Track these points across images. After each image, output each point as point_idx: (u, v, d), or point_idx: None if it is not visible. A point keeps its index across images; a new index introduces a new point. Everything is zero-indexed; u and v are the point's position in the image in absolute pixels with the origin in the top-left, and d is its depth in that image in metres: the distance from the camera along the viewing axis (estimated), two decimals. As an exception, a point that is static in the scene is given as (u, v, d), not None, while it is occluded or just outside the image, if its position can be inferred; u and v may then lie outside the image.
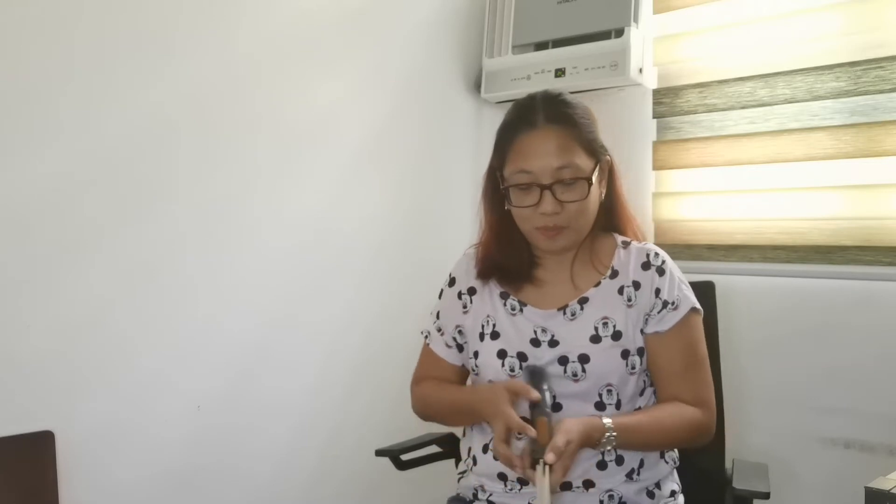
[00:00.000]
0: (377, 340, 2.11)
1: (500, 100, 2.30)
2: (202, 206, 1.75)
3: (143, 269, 1.65)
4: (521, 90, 2.18)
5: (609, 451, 1.23)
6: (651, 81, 2.07)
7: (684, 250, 2.04)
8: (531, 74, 2.16)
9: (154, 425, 1.67)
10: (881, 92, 1.74)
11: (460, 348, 1.40)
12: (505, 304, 1.34)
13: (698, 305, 1.31)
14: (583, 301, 1.30)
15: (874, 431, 1.74)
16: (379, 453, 1.51)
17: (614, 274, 1.31)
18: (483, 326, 1.35)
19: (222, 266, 1.79)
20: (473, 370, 1.37)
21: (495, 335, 1.33)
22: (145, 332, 1.66)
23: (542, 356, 1.28)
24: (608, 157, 1.31)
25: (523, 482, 1.27)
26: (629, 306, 1.28)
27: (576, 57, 2.07)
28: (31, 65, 1.48)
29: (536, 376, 1.23)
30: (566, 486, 1.24)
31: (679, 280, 1.31)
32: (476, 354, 1.34)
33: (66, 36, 1.53)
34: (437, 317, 1.43)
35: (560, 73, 2.10)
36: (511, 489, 1.29)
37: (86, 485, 1.56)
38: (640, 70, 2.01)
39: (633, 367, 1.27)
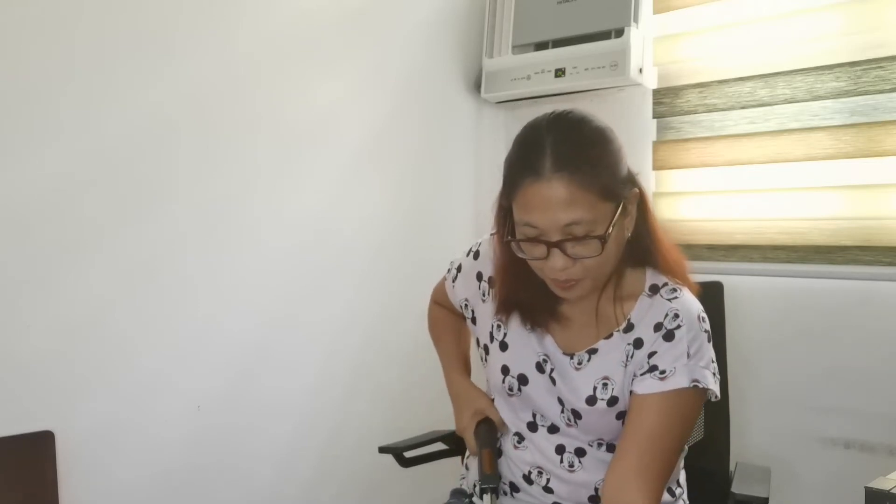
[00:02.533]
0: (377, 340, 2.11)
1: (500, 100, 2.30)
2: (202, 206, 1.75)
3: (143, 269, 1.65)
4: (521, 90, 2.20)
5: (580, 464, 1.22)
6: (651, 81, 2.07)
7: (684, 250, 1.99)
8: (531, 74, 2.16)
9: (154, 425, 1.67)
10: (881, 92, 1.74)
11: (463, 312, 1.38)
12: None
13: (707, 386, 1.12)
14: (592, 351, 1.19)
15: (874, 431, 1.74)
16: (382, 450, 1.50)
17: (629, 328, 1.17)
18: (493, 328, 1.28)
19: (222, 266, 1.79)
20: (482, 360, 1.33)
21: (504, 346, 1.26)
22: (145, 332, 1.66)
23: (543, 385, 1.22)
24: (636, 189, 1.13)
25: (514, 488, 1.27)
26: (625, 365, 1.16)
27: (576, 57, 2.07)
28: (31, 65, 1.48)
29: (490, 434, 1.29)
30: None
31: (686, 353, 1.12)
32: (485, 349, 1.31)
33: (65, 36, 1.53)
34: (459, 270, 1.38)
35: (560, 73, 2.10)
36: (505, 492, 1.29)
37: (86, 485, 1.56)
38: (640, 70, 2.01)
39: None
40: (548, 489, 1.24)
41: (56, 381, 1.52)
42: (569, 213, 1.05)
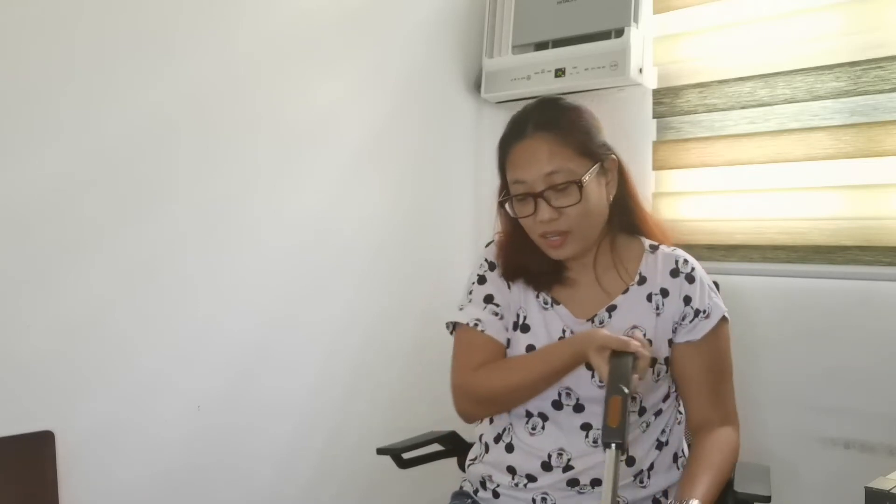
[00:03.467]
0: (377, 340, 2.11)
1: (500, 100, 2.30)
2: (202, 206, 1.75)
3: (143, 269, 1.65)
4: (521, 90, 2.19)
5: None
6: (651, 81, 2.07)
7: (684, 250, 2.04)
8: (531, 74, 2.16)
9: (154, 425, 1.67)
10: (881, 92, 1.73)
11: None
12: (538, 297, 1.33)
13: (727, 313, 1.30)
14: (611, 309, 1.29)
15: (874, 431, 1.74)
16: (381, 452, 1.51)
17: (642, 280, 1.30)
18: (518, 316, 1.33)
19: (222, 266, 1.79)
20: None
21: (525, 328, 1.32)
22: (145, 332, 1.66)
23: None
24: (613, 156, 1.29)
25: (531, 478, 1.27)
26: (658, 314, 1.28)
27: (576, 57, 2.07)
28: (31, 65, 1.48)
29: (623, 365, 1.12)
30: (573, 483, 1.24)
31: (709, 287, 1.31)
32: (507, 342, 1.33)
33: (65, 36, 1.53)
34: (490, 301, 1.34)
35: (560, 73, 2.10)
36: (517, 483, 1.29)
37: (86, 485, 1.56)
38: (640, 70, 2.01)
39: (659, 375, 1.27)
40: (568, 467, 1.26)
41: (56, 381, 1.52)
42: (549, 163, 1.21)
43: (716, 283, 1.53)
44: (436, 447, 1.56)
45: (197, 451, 1.75)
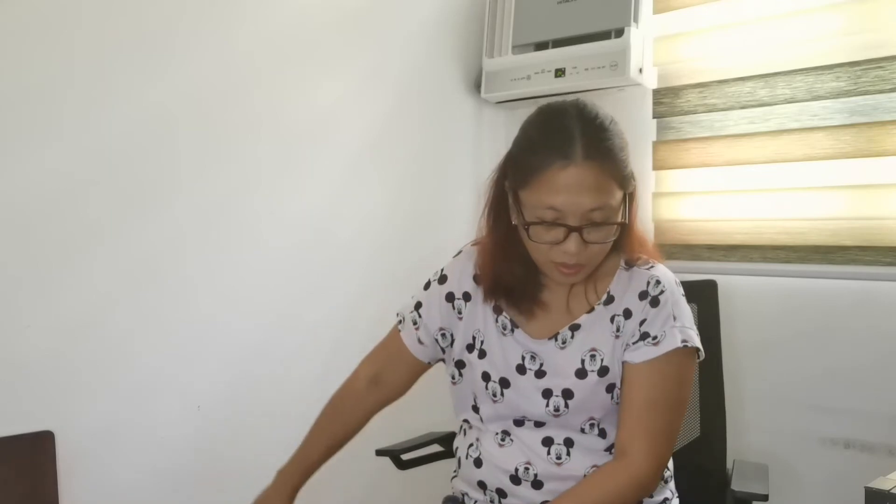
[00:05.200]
0: (377, 340, 2.10)
1: (500, 100, 2.30)
2: (203, 206, 1.75)
3: (144, 269, 1.65)
4: (521, 90, 2.20)
5: (568, 457, 1.22)
6: (651, 81, 2.07)
7: (684, 250, 2.04)
8: (531, 74, 2.16)
9: (154, 425, 1.67)
10: (881, 92, 1.74)
11: (436, 347, 1.33)
12: (497, 321, 1.26)
13: (695, 344, 1.19)
14: (574, 328, 1.22)
15: (874, 431, 1.74)
16: (380, 453, 1.51)
17: (609, 300, 1.22)
18: (473, 339, 1.28)
19: (222, 266, 1.79)
20: (453, 379, 1.32)
21: (482, 353, 1.26)
22: (145, 332, 1.66)
23: (525, 386, 1.23)
24: (634, 181, 1.19)
25: (501, 494, 1.25)
26: (616, 337, 1.20)
27: (576, 57, 2.07)
28: (32, 65, 1.48)
29: None
30: None
31: (671, 315, 1.19)
32: (460, 364, 1.29)
33: (66, 36, 1.53)
34: (418, 309, 1.33)
35: (560, 73, 2.10)
36: (491, 500, 1.26)
37: (86, 485, 1.56)
38: (640, 70, 2.01)
39: (615, 399, 1.22)
40: (537, 484, 1.22)
41: (56, 381, 1.52)
42: (595, 199, 1.10)
43: (714, 283, 1.53)
44: (435, 448, 1.56)
45: (197, 450, 1.75)
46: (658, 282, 1.21)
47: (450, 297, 1.31)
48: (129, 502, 1.63)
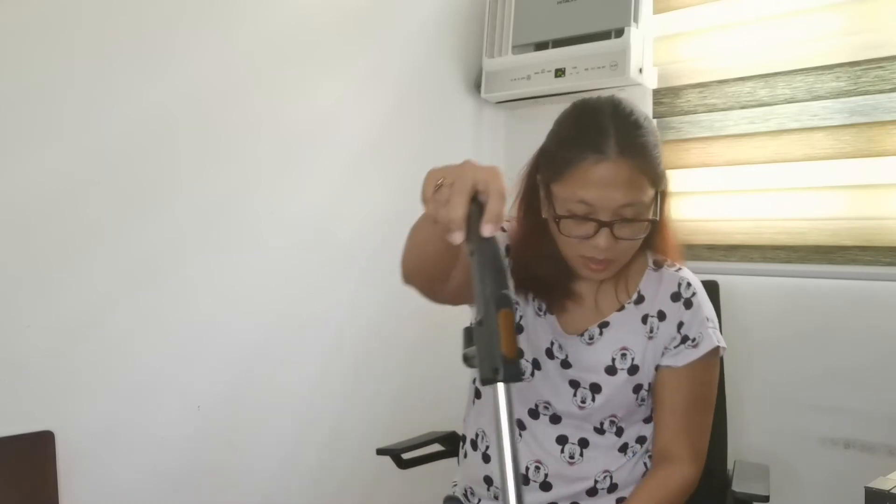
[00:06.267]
0: (377, 340, 2.11)
1: (500, 100, 2.30)
2: (203, 206, 1.75)
3: (144, 269, 1.65)
4: (521, 90, 2.19)
5: (604, 477, 1.22)
6: (651, 81, 2.07)
7: (684, 250, 2.04)
8: (531, 74, 2.16)
9: (154, 425, 1.67)
10: (881, 92, 1.74)
11: None
12: (533, 299, 1.25)
13: (722, 344, 1.22)
14: (603, 325, 1.23)
15: (874, 431, 1.74)
16: (380, 452, 1.51)
17: (640, 299, 1.23)
18: None
19: (223, 266, 1.78)
20: None
21: (519, 328, 1.23)
22: (145, 332, 1.66)
23: (553, 373, 1.23)
24: (667, 180, 1.20)
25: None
26: (650, 338, 1.22)
27: (576, 57, 2.07)
28: (32, 65, 1.48)
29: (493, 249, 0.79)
30: None
31: (705, 317, 1.22)
32: None
33: (66, 36, 1.53)
34: None
35: (560, 73, 2.10)
36: (495, 496, 1.26)
37: (86, 485, 1.56)
38: (640, 70, 2.01)
39: (643, 400, 1.23)
40: (545, 486, 1.23)
41: (56, 381, 1.52)
42: (627, 194, 1.10)
43: (716, 283, 1.53)
44: (436, 447, 1.56)
45: (197, 450, 1.75)
46: (689, 284, 1.24)
47: (507, 251, 1.28)
48: (129, 502, 1.63)
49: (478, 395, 1.34)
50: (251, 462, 1.86)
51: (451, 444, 1.56)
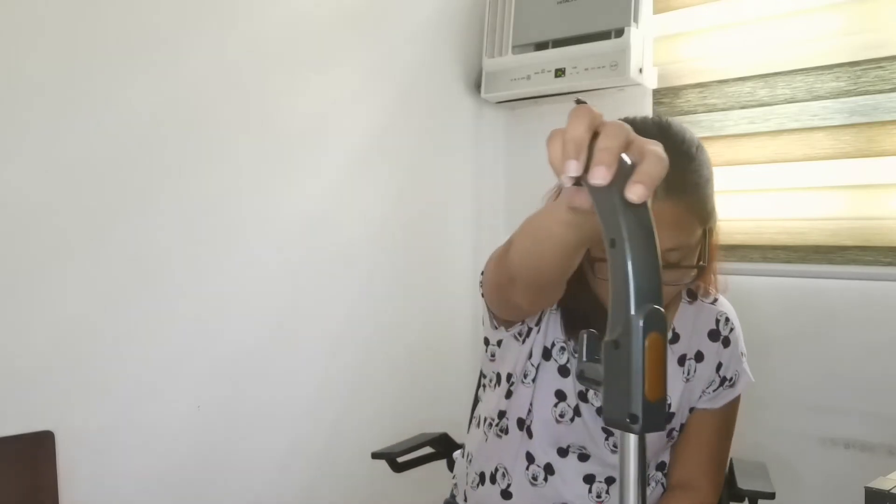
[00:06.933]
0: (377, 341, 2.11)
1: (500, 100, 2.30)
2: (204, 207, 1.74)
3: (144, 269, 1.65)
4: (521, 90, 2.20)
5: (608, 495, 1.18)
6: (651, 81, 2.07)
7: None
8: (531, 74, 2.16)
9: (154, 425, 1.67)
10: (881, 92, 1.74)
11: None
12: (568, 340, 1.15)
13: (752, 378, 1.19)
14: None
15: (874, 431, 1.74)
16: (375, 456, 1.50)
17: (675, 338, 1.15)
18: (553, 347, 1.14)
19: (223, 266, 1.78)
20: (519, 381, 1.16)
21: (564, 371, 1.13)
22: (145, 332, 1.66)
23: (588, 417, 1.15)
24: (716, 214, 1.08)
25: None
26: (686, 380, 1.16)
27: (576, 57, 2.07)
28: (25, 68, 1.48)
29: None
30: None
31: (741, 353, 1.19)
32: (524, 374, 1.14)
33: (57, 39, 1.52)
34: None
35: (560, 73, 2.10)
36: None
37: (86, 485, 1.56)
38: (640, 70, 2.01)
39: (673, 439, 1.20)
40: None
41: (56, 381, 1.52)
42: (673, 238, 0.99)
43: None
44: (427, 450, 1.55)
45: (197, 451, 1.75)
46: (727, 319, 1.18)
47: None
48: (129, 502, 1.63)
49: (505, 431, 1.20)
50: (251, 462, 1.86)
51: (442, 446, 1.55)
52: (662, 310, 0.54)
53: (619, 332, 0.54)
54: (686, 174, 0.99)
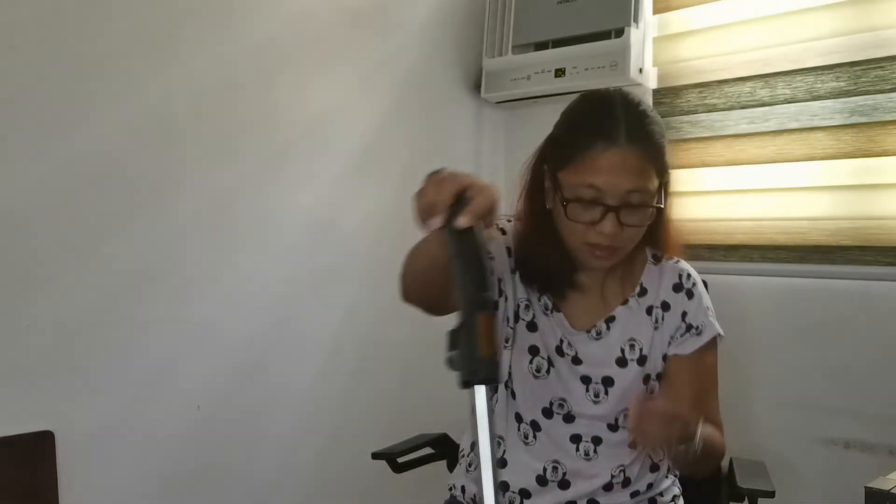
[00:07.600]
0: (377, 340, 2.11)
1: (500, 100, 2.30)
2: (202, 207, 1.75)
3: (143, 269, 1.65)
4: (521, 90, 2.20)
5: (619, 472, 1.23)
6: (651, 81, 2.07)
7: (685, 248, 2.04)
8: (531, 74, 2.16)
9: (154, 425, 1.67)
10: (881, 92, 1.73)
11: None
12: (539, 299, 1.26)
13: (721, 332, 1.26)
14: (609, 320, 1.25)
15: (874, 431, 1.74)
16: (375, 456, 1.50)
17: (643, 292, 1.26)
18: (520, 308, 1.25)
19: (222, 266, 1.79)
20: (506, 342, 1.25)
21: (533, 326, 1.25)
22: (145, 331, 1.66)
23: (564, 370, 1.24)
24: (670, 173, 1.20)
25: (525, 494, 1.24)
26: (656, 328, 1.25)
27: (576, 57, 2.07)
28: (32, 66, 1.48)
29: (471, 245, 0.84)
30: None
31: (706, 306, 1.27)
32: (512, 333, 1.25)
33: (64, 36, 1.53)
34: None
35: (560, 73, 2.10)
36: (511, 501, 1.25)
37: (86, 485, 1.56)
38: (640, 70, 2.01)
39: (652, 392, 1.25)
40: (563, 483, 1.23)
41: (56, 381, 1.52)
42: (635, 181, 1.12)
43: (704, 283, 1.54)
44: (427, 450, 1.55)
45: (197, 450, 1.75)
46: (689, 275, 1.28)
47: (509, 252, 1.27)
48: (129, 502, 1.63)
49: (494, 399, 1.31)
50: (250, 462, 1.86)
51: (441, 446, 1.55)
52: (490, 296, 0.78)
53: (462, 317, 0.76)
54: (644, 126, 1.14)
